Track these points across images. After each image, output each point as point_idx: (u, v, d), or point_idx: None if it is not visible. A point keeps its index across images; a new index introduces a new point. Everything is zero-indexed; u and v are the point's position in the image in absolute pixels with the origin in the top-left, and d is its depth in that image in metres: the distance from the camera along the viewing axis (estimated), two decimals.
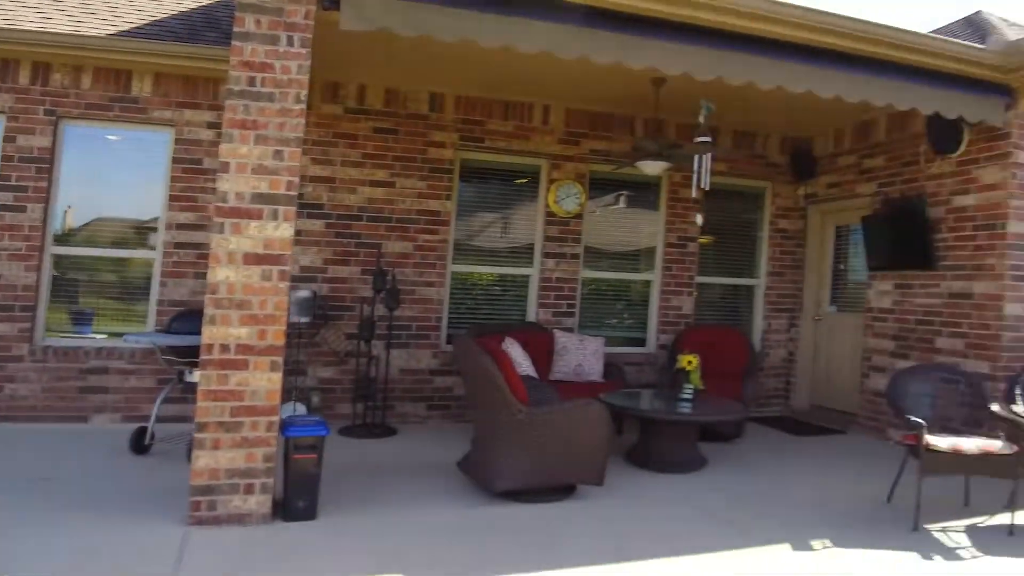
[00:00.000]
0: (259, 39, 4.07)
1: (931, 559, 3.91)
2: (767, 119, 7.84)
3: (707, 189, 6.22)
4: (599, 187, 7.83)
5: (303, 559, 3.51)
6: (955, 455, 4.35)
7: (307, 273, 6.66)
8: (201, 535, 3.71)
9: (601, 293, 7.92)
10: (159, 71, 6.29)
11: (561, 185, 7.50)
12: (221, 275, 3.97)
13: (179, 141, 6.37)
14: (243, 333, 3.97)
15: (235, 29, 4.05)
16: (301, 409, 6.20)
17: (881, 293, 7.33)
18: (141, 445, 5.21)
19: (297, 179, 4.15)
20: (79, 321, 6.36)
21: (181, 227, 6.35)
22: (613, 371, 7.03)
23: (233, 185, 4.02)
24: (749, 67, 5.20)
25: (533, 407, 4.55)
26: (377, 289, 6.49)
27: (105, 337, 6.34)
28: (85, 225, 6.41)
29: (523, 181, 7.56)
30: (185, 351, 5.01)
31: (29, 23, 6.02)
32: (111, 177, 6.40)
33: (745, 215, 8.59)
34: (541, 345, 6.91)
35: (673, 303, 7.99)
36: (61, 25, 6.09)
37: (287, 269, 4.10)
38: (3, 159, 6.01)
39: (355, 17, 4.36)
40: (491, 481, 4.48)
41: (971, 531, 4.43)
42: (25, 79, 6.07)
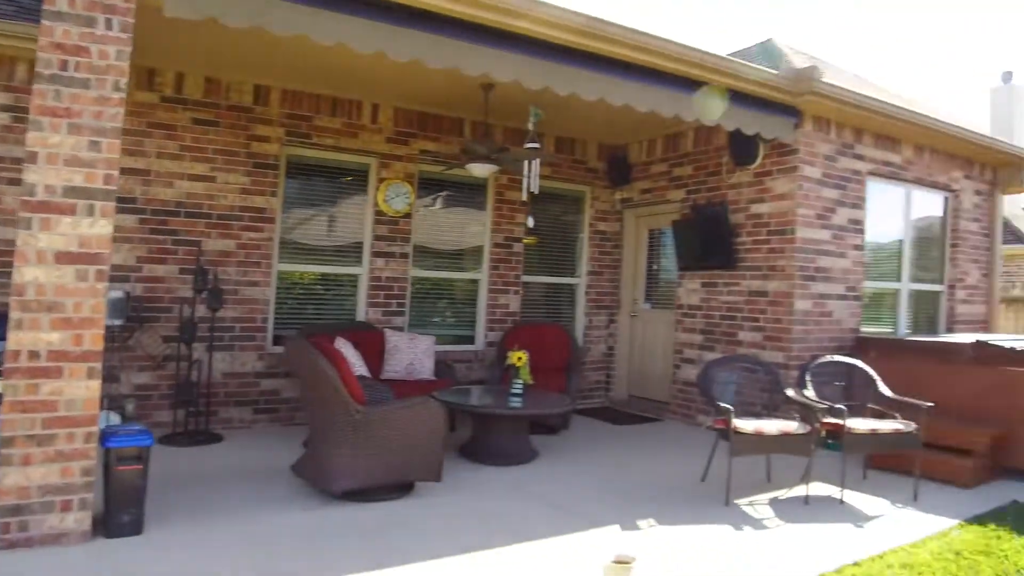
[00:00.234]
0: (73, 20, 3.75)
1: (742, 530, 4.36)
2: (587, 126, 8.28)
3: (536, 193, 6.47)
4: (428, 187, 7.90)
5: None
6: (759, 436, 4.86)
7: (119, 272, 6.18)
8: (12, 559, 3.38)
9: (431, 292, 8.00)
10: None
11: (390, 184, 7.49)
12: (29, 275, 3.63)
13: None
14: (56, 338, 3.66)
15: (45, 7, 3.70)
16: (115, 419, 5.76)
17: (690, 291, 7.97)
18: None
19: (116, 172, 3.88)
20: None
21: None
22: (444, 369, 7.13)
23: (42, 177, 3.69)
24: (575, 79, 5.49)
25: (370, 407, 4.55)
26: (198, 289, 6.17)
27: None
28: None
29: (352, 179, 7.47)
30: None
31: None
32: None
33: (566, 217, 9.01)
34: (372, 344, 6.87)
35: (501, 301, 8.23)
36: None
37: (105, 269, 3.83)
38: None
39: (181, 4, 4.15)
40: (329, 482, 4.42)
41: (774, 503, 4.96)
42: None
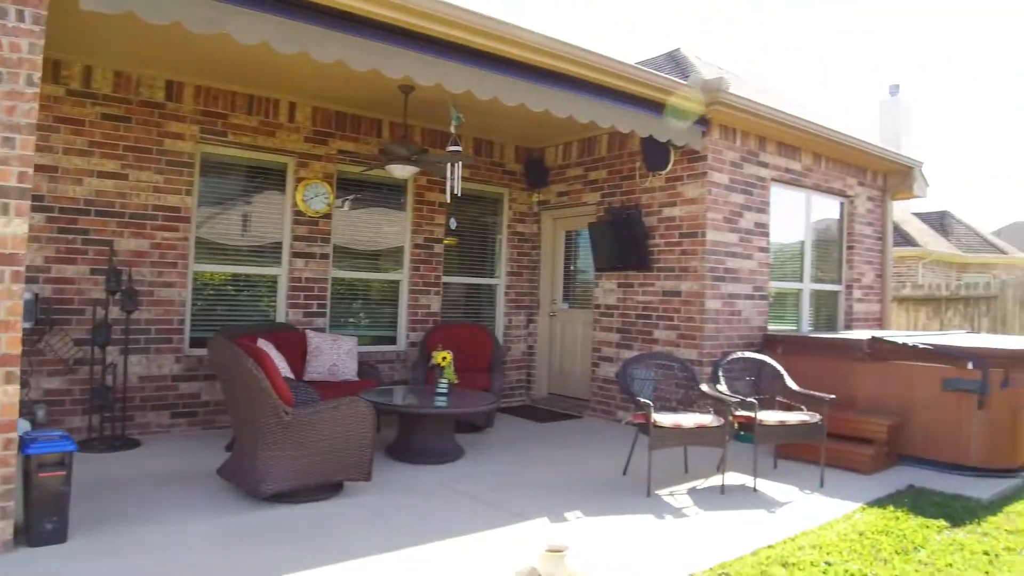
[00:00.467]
0: None
1: (664, 518, 4.56)
2: (504, 129, 8.41)
3: (459, 195, 6.55)
4: (348, 188, 7.86)
5: None
6: (677, 430, 5.08)
7: (27, 273, 5.90)
8: None
9: (352, 293, 7.96)
10: None
11: (309, 184, 7.42)
12: None
13: None
14: None
15: None
16: (25, 425, 5.46)
17: (607, 291, 8.22)
18: None
19: (31, 170, 3.76)
20: None
21: None
22: (367, 369, 7.12)
23: None
24: (497, 84, 5.61)
25: (299, 408, 4.53)
26: (111, 290, 5.97)
27: None
28: None
29: (270, 179, 7.36)
30: None
31: None
32: None
33: (485, 219, 9.12)
34: (294, 346, 6.79)
35: (422, 302, 8.27)
36: None
37: (21, 270, 3.73)
38: None
39: None
40: (258, 484, 4.38)
41: (692, 492, 5.20)
42: None
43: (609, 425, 7.67)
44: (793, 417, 5.54)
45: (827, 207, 8.98)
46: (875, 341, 6.63)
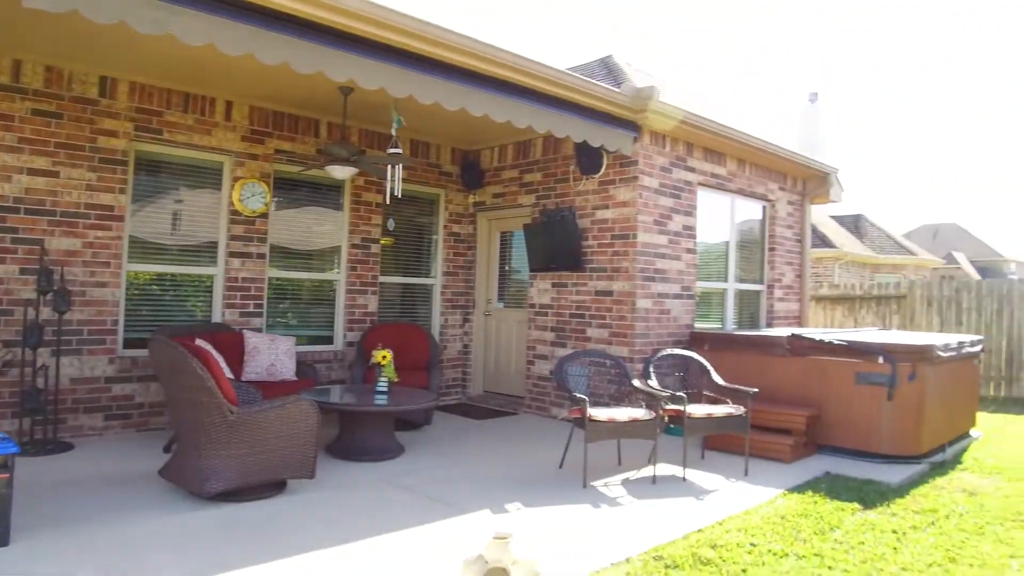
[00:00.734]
0: None
1: (599, 508, 4.79)
2: (441, 132, 8.54)
3: (400, 197, 6.64)
4: (285, 187, 7.86)
5: None
6: (611, 423, 5.32)
7: None
8: None
9: (289, 293, 7.96)
10: None
11: (246, 183, 7.40)
12: None
13: None
14: None
15: None
16: None
17: (541, 291, 8.43)
18: None
19: None
20: None
21: None
22: (306, 369, 7.16)
23: None
24: (438, 89, 5.73)
25: (244, 407, 4.58)
26: (42, 291, 5.86)
27: None
28: None
29: (206, 178, 7.30)
30: None
31: None
32: None
33: (422, 219, 9.23)
34: (232, 346, 6.77)
35: (359, 302, 8.32)
36: None
37: None
38: None
39: None
40: (203, 483, 4.41)
41: (626, 483, 5.45)
42: None
43: (544, 421, 7.88)
44: (719, 410, 5.85)
45: (750, 210, 9.42)
46: (794, 338, 7.02)
